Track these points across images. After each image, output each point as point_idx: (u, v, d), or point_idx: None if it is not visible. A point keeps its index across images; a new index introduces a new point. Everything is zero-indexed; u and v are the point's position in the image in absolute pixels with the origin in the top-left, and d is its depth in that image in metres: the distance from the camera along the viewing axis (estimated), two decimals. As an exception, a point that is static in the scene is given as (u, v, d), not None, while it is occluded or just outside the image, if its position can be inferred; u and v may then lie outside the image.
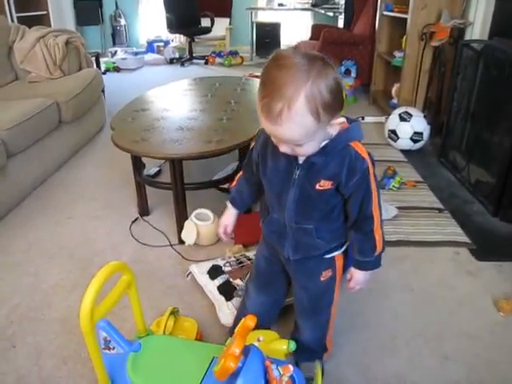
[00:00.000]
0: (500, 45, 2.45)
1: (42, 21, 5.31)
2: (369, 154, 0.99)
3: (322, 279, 1.18)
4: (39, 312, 1.65)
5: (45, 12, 5.50)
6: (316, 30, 5.19)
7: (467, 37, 2.95)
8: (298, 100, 0.80)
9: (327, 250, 1.14)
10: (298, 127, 0.83)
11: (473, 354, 1.46)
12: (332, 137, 0.95)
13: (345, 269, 1.21)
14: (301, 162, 1.00)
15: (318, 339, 1.30)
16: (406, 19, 3.37)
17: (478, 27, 2.84)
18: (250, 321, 1.01)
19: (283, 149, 0.93)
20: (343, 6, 5.48)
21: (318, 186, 1.00)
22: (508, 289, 1.74)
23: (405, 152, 3.06)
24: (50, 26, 5.39)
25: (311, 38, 5.30)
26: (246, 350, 0.97)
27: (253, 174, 1.17)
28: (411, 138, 3.00)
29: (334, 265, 1.17)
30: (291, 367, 0.99)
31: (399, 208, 2.27)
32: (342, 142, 0.96)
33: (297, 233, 1.09)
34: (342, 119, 0.91)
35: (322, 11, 6.20)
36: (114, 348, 1.12)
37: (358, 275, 1.14)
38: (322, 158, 0.97)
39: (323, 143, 0.95)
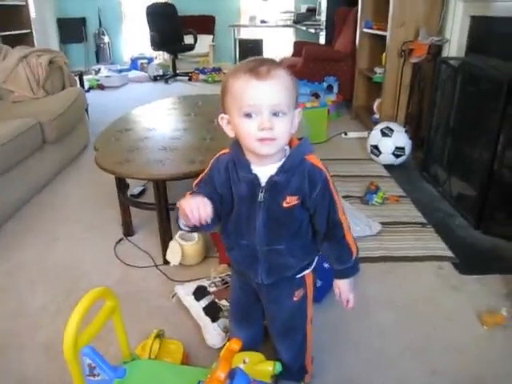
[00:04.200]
0: (476, 61, 2.52)
1: (25, 39, 5.32)
2: (324, 165, 1.04)
3: (294, 299, 1.19)
4: (23, 338, 1.63)
5: (28, 30, 5.51)
6: (298, 47, 5.27)
7: (445, 53, 3.02)
8: (279, 66, 0.96)
9: (299, 269, 1.15)
10: (281, 85, 0.94)
11: (459, 369, 1.47)
12: (287, 154, 1.02)
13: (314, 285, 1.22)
14: (263, 184, 1.02)
15: (296, 360, 1.30)
16: (385, 36, 3.44)
17: (455, 44, 2.91)
18: (234, 344, 1.01)
19: (264, 121, 0.92)
20: (324, 23, 5.58)
21: (284, 204, 1.03)
22: (491, 302, 1.76)
23: (387, 167, 3.10)
24: (33, 44, 5.41)
25: (293, 55, 5.37)
26: (232, 374, 0.97)
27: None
28: (393, 153, 3.04)
29: (304, 283, 1.19)
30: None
31: (382, 223, 2.30)
32: (298, 157, 1.02)
33: (269, 255, 1.10)
34: (300, 109, 1.02)
35: (304, 28, 6.30)
36: (98, 375, 1.11)
37: (343, 285, 1.15)
38: (283, 175, 1.01)
39: (281, 161, 1.01)
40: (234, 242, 1.13)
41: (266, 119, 0.92)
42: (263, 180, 1.02)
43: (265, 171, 1.02)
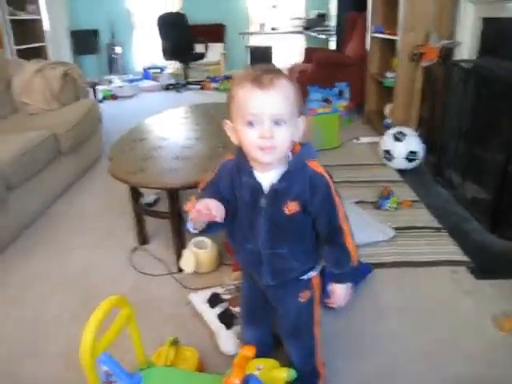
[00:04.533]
0: (488, 64, 2.50)
1: (40, 52, 5.45)
2: (326, 171, 1.05)
3: (300, 300, 1.20)
4: (40, 346, 1.65)
5: (42, 43, 5.64)
6: (309, 53, 5.27)
7: (456, 56, 3.00)
8: (282, 75, 0.99)
9: (303, 271, 1.16)
10: (283, 95, 0.96)
11: (476, 375, 1.46)
12: (290, 159, 1.04)
13: (323, 290, 1.22)
14: (265, 190, 1.04)
15: (306, 362, 1.30)
16: (395, 40, 3.44)
17: (467, 47, 2.89)
18: (248, 351, 1.02)
19: (265, 130, 0.95)
20: (335, 29, 5.59)
21: (286, 210, 1.04)
22: (507, 307, 1.74)
23: (400, 172, 3.08)
24: (47, 57, 5.52)
25: (304, 61, 5.38)
26: (246, 380, 0.98)
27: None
28: (406, 158, 3.03)
29: (311, 285, 1.20)
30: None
31: (396, 228, 2.29)
32: (300, 163, 1.04)
33: (272, 258, 1.11)
34: (303, 117, 1.03)
35: (314, 34, 6.31)
36: (115, 382, 1.13)
37: (338, 290, 1.15)
38: (284, 183, 1.03)
39: (283, 168, 1.02)
40: (240, 245, 1.16)
41: (266, 128, 0.95)
42: (265, 186, 1.04)
43: (267, 177, 1.04)
